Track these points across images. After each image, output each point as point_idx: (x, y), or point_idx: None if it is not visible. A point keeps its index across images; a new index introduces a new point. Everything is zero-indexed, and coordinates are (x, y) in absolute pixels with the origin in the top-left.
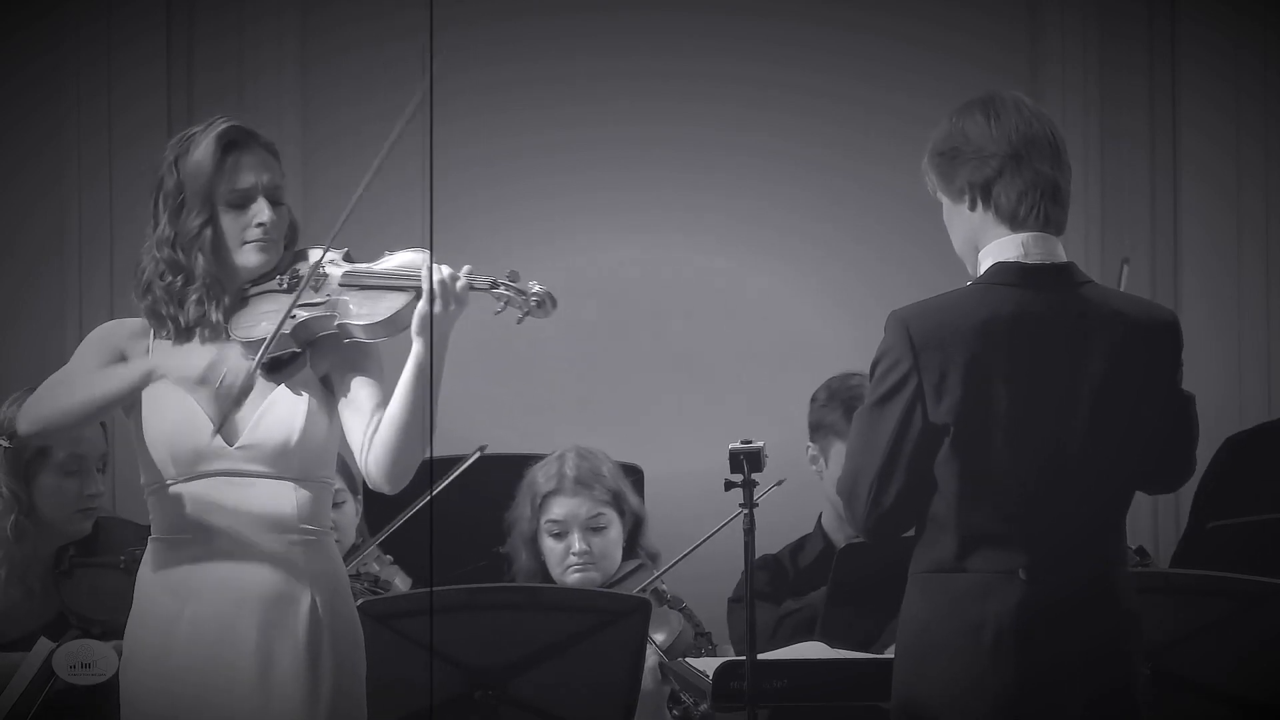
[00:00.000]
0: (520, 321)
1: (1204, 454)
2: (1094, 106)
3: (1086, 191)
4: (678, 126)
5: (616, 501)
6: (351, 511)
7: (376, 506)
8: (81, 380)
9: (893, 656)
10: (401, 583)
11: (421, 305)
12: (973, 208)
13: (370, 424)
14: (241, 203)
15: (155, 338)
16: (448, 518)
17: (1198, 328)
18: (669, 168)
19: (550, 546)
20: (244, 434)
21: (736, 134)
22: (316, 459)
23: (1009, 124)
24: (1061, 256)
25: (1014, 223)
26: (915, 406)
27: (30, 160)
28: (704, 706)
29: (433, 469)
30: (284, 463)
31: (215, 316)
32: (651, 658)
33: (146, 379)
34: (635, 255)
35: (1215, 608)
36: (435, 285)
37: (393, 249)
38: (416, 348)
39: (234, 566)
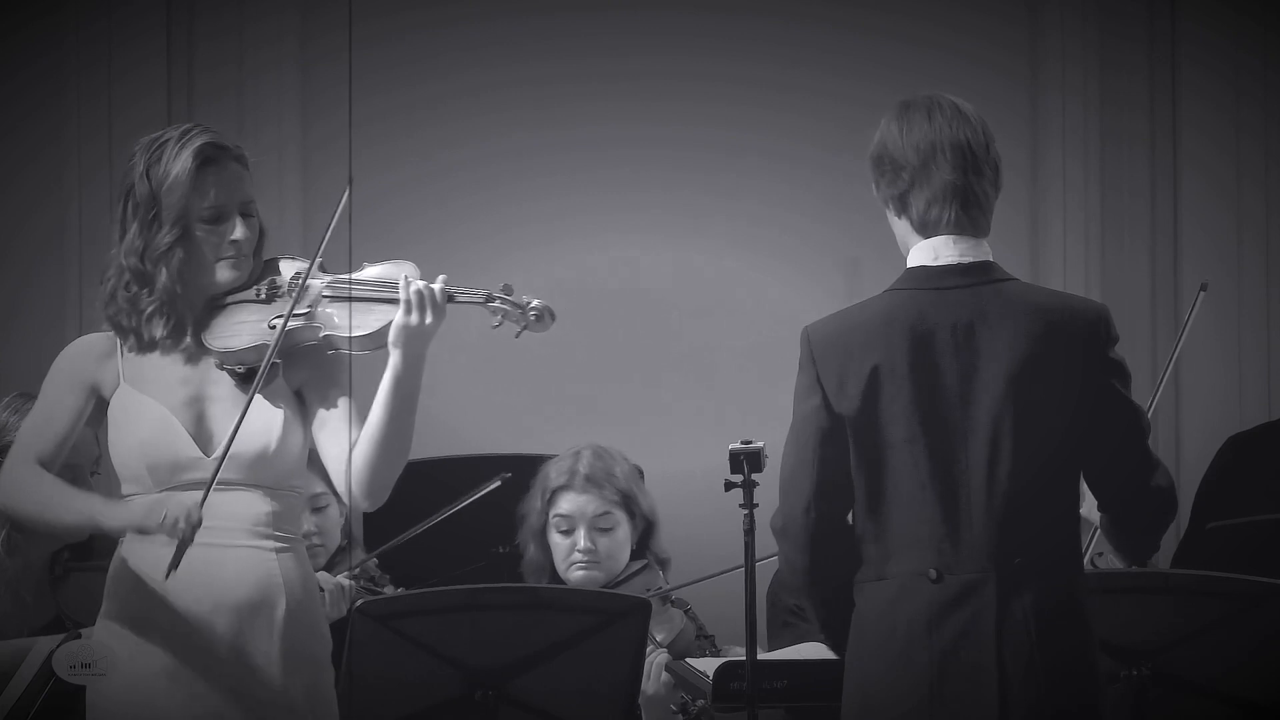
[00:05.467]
0: (519, 335)
1: (1205, 454)
2: (1094, 106)
3: (1086, 191)
4: (678, 127)
5: (627, 503)
6: (335, 515)
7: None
8: (51, 488)
9: None
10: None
11: (399, 317)
12: (897, 216)
13: (347, 440)
14: (216, 219)
15: (122, 350)
16: (446, 518)
17: (1198, 328)
18: (669, 168)
19: (557, 542)
20: (221, 444)
21: (736, 134)
22: (290, 469)
23: (917, 134)
24: (976, 256)
25: (924, 229)
26: (819, 415)
27: (30, 160)
28: (700, 703)
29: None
30: (259, 472)
31: (162, 332)
32: (662, 656)
33: (93, 524)
34: (635, 255)
35: (1215, 608)
36: (412, 295)
37: (373, 259)
38: (394, 359)
39: (208, 574)
